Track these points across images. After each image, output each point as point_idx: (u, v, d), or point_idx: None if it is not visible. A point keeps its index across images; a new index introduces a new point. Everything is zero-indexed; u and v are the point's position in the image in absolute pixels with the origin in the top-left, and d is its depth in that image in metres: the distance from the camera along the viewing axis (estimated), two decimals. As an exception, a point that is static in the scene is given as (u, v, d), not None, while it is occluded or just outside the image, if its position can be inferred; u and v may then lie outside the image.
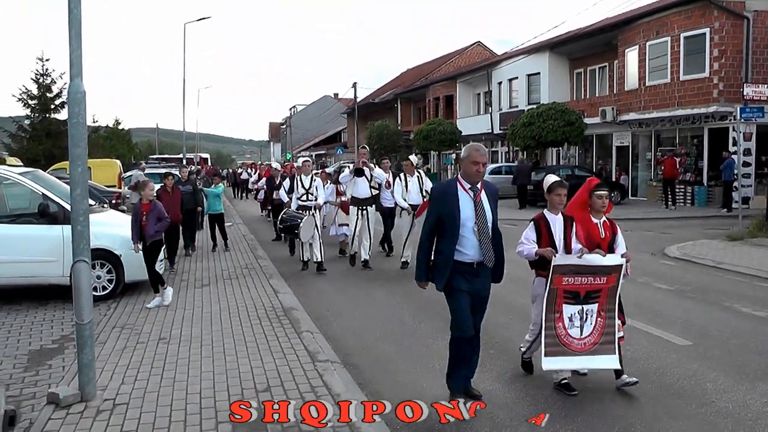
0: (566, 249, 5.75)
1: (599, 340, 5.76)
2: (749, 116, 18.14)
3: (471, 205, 5.35)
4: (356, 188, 12.55)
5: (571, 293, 5.66)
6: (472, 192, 5.38)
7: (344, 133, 74.40)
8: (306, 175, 12.52)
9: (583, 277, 5.64)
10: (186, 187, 14.26)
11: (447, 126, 39.63)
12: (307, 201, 12.33)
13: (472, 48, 55.84)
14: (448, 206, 5.36)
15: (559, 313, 5.66)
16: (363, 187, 12.51)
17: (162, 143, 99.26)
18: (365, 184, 12.50)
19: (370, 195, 12.62)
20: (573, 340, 5.71)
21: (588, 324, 5.74)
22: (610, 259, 5.71)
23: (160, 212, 9.52)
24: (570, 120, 27.35)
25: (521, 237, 5.83)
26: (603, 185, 6.11)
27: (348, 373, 6.38)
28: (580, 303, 5.69)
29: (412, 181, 12.47)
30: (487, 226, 5.35)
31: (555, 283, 5.59)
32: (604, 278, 5.69)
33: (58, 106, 39.84)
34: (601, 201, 5.93)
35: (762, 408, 5.42)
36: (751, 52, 23.30)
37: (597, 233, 5.91)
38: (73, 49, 5.48)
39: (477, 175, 5.38)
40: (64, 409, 5.33)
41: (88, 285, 5.63)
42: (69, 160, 5.61)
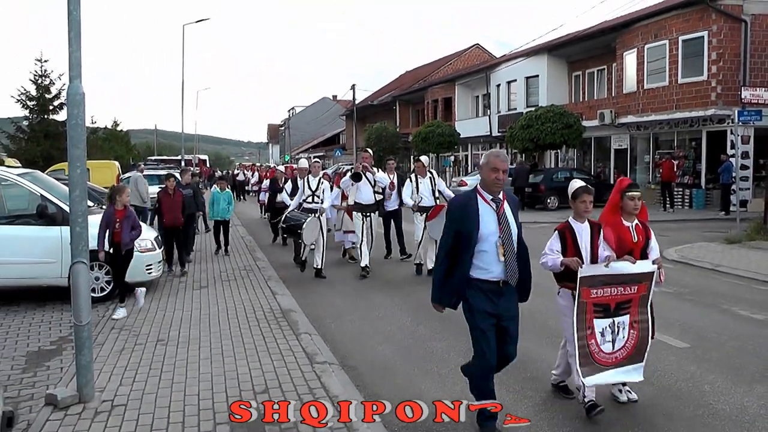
0: (593, 260, 5.38)
1: (632, 352, 5.41)
2: (747, 119, 18.18)
3: (494, 219, 4.87)
4: (359, 194, 11.96)
5: (601, 306, 5.28)
6: (495, 204, 4.90)
7: (343, 135, 74.45)
8: (314, 177, 12.02)
9: (613, 288, 5.27)
10: (186, 190, 13.30)
11: (445, 128, 39.63)
12: (313, 204, 11.79)
13: (470, 50, 55.88)
14: (468, 222, 4.86)
15: (590, 329, 5.27)
16: (366, 193, 11.96)
17: (160, 144, 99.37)
18: (369, 189, 11.94)
19: (374, 201, 12.07)
20: (605, 355, 5.33)
21: (620, 338, 5.37)
22: (641, 266, 5.37)
23: (135, 221, 9.17)
24: (568, 122, 27.36)
25: (545, 247, 5.45)
26: (635, 186, 5.76)
27: (346, 374, 6.39)
28: (610, 316, 5.31)
29: (423, 183, 11.85)
30: (512, 240, 4.89)
31: (583, 296, 5.20)
32: (634, 287, 5.34)
33: (56, 107, 39.85)
34: (633, 203, 5.56)
35: (759, 410, 5.44)
36: (749, 55, 23.35)
37: (629, 238, 5.55)
38: (72, 50, 5.49)
39: (497, 183, 4.87)
40: (62, 411, 5.33)
41: (87, 286, 5.63)
42: (68, 161, 5.61)
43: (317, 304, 9.75)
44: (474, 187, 5.06)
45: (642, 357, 5.44)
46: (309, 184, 11.92)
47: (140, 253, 9.89)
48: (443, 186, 12.10)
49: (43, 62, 40.23)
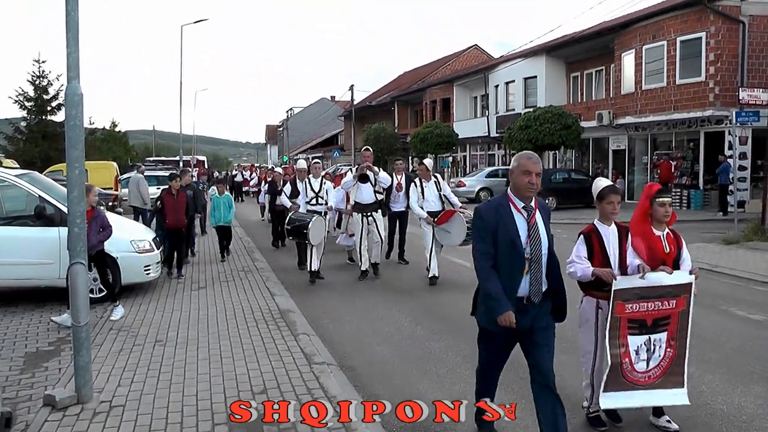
0: (621, 266, 5.00)
1: (666, 371, 5.00)
2: (745, 120, 18.20)
3: (524, 228, 4.42)
4: (359, 193, 11.58)
5: (637, 322, 4.87)
6: (526, 212, 4.46)
7: (341, 136, 74.49)
8: (316, 178, 11.75)
9: (649, 302, 4.87)
10: (186, 191, 12.86)
11: (444, 129, 39.68)
12: (317, 206, 11.60)
13: (469, 51, 55.96)
14: (504, 228, 4.41)
15: (624, 346, 4.86)
16: (367, 192, 11.53)
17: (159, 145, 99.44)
18: (369, 188, 11.50)
19: (375, 200, 11.59)
20: (638, 375, 4.95)
21: (655, 356, 4.96)
22: (678, 277, 4.92)
23: (104, 221, 8.75)
24: (567, 123, 27.39)
25: (571, 254, 5.02)
26: (666, 191, 5.36)
27: (344, 375, 6.39)
28: (647, 332, 4.90)
29: (428, 187, 11.29)
30: (541, 253, 4.42)
31: (617, 311, 4.80)
32: (672, 301, 4.92)
33: (54, 108, 39.89)
34: (664, 209, 5.12)
35: (756, 410, 5.45)
36: (747, 56, 23.38)
37: (660, 248, 5.12)
38: (70, 51, 5.49)
39: (530, 188, 4.41)
40: (61, 411, 5.33)
41: (85, 287, 5.63)
42: (66, 162, 5.61)
43: (315, 304, 9.76)
44: (503, 193, 4.61)
45: (681, 378, 5.03)
46: (311, 186, 11.68)
47: (138, 254, 9.89)
48: (449, 191, 11.63)
49: (41, 63, 40.34)
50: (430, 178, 11.40)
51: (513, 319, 4.33)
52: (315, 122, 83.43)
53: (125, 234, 10.09)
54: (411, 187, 11.47)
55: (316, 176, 11.74)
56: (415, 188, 11.31)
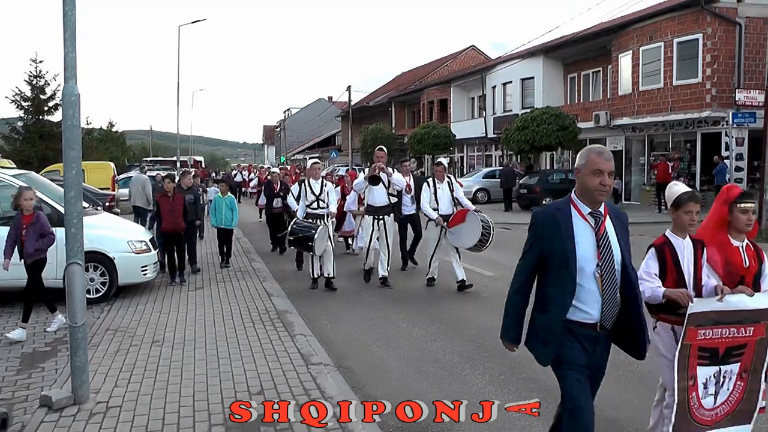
0: (696, 286, 4.26)
1: (735, 408, 4.22)
2: (741, 121, 18.29)
3: (591, 239, 3.70)
4: (371, 195, 11.05)
5: (708, 351, 4.09)
6: (593, 219, 3.73)
7: (338, 137, 74.50)
8: (315, 180, 10.94)
9: (725, 329, 4.08)
10: (187, 195, 11.96)
11: (441, 130, 39.71)
12: (318, 209, 10.80)
13: (466, 52, 55.97)
14: (560, 240, 3.70)
15: (692, 379, 4.08)
16: (379, 195, 10.99)
17: (156, 146, 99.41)
18: (382, 190, 10.95)
19: (388, 203, 11.07)
20: (705, 413, 4.17)
21: (724, 390, 4.18)
22: (760, 300, 4.09)
23: (44, 227, 7.95)
24: (564, 124, 27.42)
25: (639, 270, 4.16)
26: (749, 195, 4.57)
27: (341, 375, 6.39)
28: (717, 363, 4.11)
29: (442, 189, 10.78)
30: (614, 270, 3.70)
31: (688, 337, 4.02)
32: (750, 328, 4.11)
33: (51, 108, 39.90)
34: (747, 217, 4.39)
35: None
36: (743, 57, 23.43)
37: (739, 261, 4.40)
38: (67, 51, 5.49)
39: (601, 192, 3.66)
40: (57, 412, 5.32)
41: (82, 288, 5.63)
42: (63, 162, 5.60)
43: (312, 305, 9.75)
44: (566, 196, 3.88)
45: (750, 417, 4.26)
46: (311, 188, 10.89)
47: (135, 255, 9.88)
48: (461, 193, 11.04)
49: (38, 63, 40.35)
50: (444, 179, 10.89)
51: (513, 349, 4.03)
52: (312, 123, 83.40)
53: (122, 234, 10.10)
54: (423, 187, 10.91)
55: (316, 178, 10.98)
56: (428, 189, 10.78)
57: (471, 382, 6.25)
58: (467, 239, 10.21)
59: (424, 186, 10.88)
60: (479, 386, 6.10)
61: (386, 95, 59.58)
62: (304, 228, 10.43)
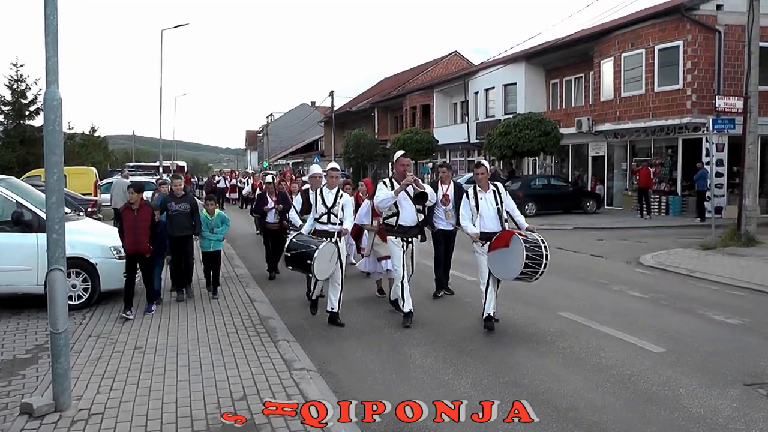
0: None
1: None
2: (721, 127, 18.41)
3: None
4: (401, 214, 8.71)
5: None
6: None
7: (321, 142, 74.42)
8: (330, 189, 8.84)
9: None
10: (181, 204, 10.08)
11: (424, 135, 39.84)
12: (328, 224, 8.68)
13: (449, 58, 56.20)
14: None
15: None
16: (409, 212, 8.70)
17: (138, 151, 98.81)
18: (411, 207, 8.69)
19: (417, 221, 8.79)
20: None
21: None
22: None
23: None
24: (546, 130, 27.58)
25: None
26: None
27: (324, 381, 6.38)
28: None
29: (485, 199, 8.51)
30: None
31: None
32: None
33: (32, 113, 39.55)
34: None
35: (732, 413, 5.51)
36: (723, 64, 23.73)
37: None
38: (49, 56, 5.46)
39: None
40: (38, 420, 5.28)
41: (64, 294, 5.59)
42: (45, 167, 5.58)
43: (295, 311, 9.73)
44: None
45: None
46: (323, 199, 8.76)
47: (118, 260, 9.81)
48: (513, 205, 8.75)
49: (19, 67, 39.97)
50: (488, 188, 8.61)
51: None
52: (295, 128, 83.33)
53: (105, 240, 10.03)
54: (463, 198, 8.83)
55: (332, 187, 8.87)
56: (468, 201, 8.66)
57: (454, 386, 6.27)
58: (508, 269, 8.03)
59: (464, 198, 8.83)
60: (462, 390, 6.11)
61: (369, 100, 59.65)
62: (303, 244, 8.36)
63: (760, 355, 7.07)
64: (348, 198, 8.99)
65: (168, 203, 10.12)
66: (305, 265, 8.21)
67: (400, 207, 8.68)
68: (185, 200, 10.23)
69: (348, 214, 8.83)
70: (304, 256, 8.20)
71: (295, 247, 8.39)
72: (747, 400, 5.87)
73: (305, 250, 8.23)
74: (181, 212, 10.04)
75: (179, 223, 10.04)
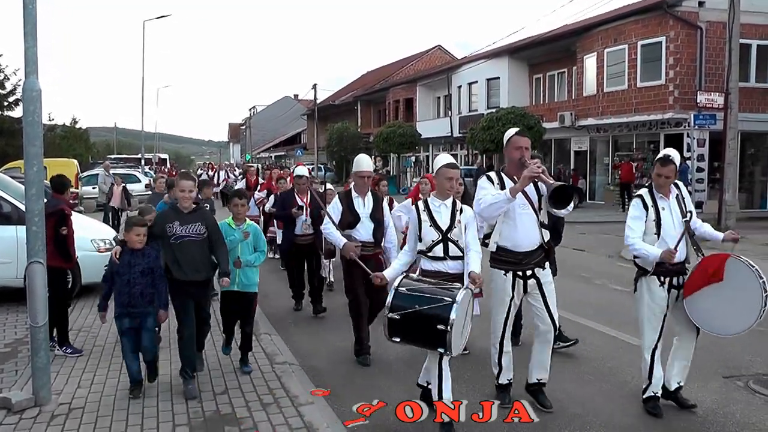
0: None
1: None
2: (702, 123, 18.64)
3: None
4: (512, 225, 5.41)
5: None
6: None
7: (304, 135, 74.27)
8: (444, 199, 5.37)
9: None
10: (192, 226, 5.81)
11: (407, 129, 39.85)
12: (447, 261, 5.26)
13: (432, 52, 56.22)
14: None
15: None
16: (526, 225, 5.43)
17: (120, 143, 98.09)
18: (531, 216, 5.43)
19: (543, 242, 5.47)
20: None
21: None
22: None
23: None
24: (529, 124, 27.64)
25: None
26: None
27: (306, 375, 6.38)
28: None
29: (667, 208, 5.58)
30: None
31: None
32: None
33: (11, 104, 39.03)
34: None
35: (712, 405, 5.59)
36: (704, 61, 23.91)
37: None
38: (28, 46, 5.39)
39: None
40: (17, 414, 5.23)
41: (43, 287, 5.54)
42: (24, 159, 5.51)
43: (277, 305, 9.69)
44: None
45: None
46: (432, 215, 5.27)
47: (99, 254, 9.72)
48: (694, 215, 5.67)
49: (-2, 57, 39.46)
50: (671, 190, 5.58)
51: None
52: (278, 121, 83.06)
53: (86, 233, 9.92)
54: (632, 206, 5.70)
55: (445, 196, 5.38)
56: (642, 210, 5.58)
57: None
58: (731, 316, 5.24)
59: (634, 204, 5.66)
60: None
61: (352, 94, 59.58)
62: (424, 294, 4.77)
63: (738, 348, 7.14)
64: (470, 213, 5.36)
65: (167, 224, 5.78)
66: (433, 333, 4.58)
67: (512, 217, 5.39)
68: (198, 218, 5.89)
69: (473, 240, 5.28)
70: (430, 320, 4.59)
71: (406, 304, 4.73)
72: (726, 392, 5.95)
73: (430, 307, 4.64)
74: (191, 239, 5.80)
75: (190, 259, 5.80)
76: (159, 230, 5.84)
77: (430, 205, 5.35)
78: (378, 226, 7.05)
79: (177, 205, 5.95)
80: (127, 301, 5.69)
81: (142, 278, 5.70)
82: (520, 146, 5.57)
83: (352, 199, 7.11)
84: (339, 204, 7.14)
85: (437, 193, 5.42)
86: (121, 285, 5.71)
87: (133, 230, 5.75)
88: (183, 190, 5.86)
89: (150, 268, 5.75)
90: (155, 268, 5.77)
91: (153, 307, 5.79)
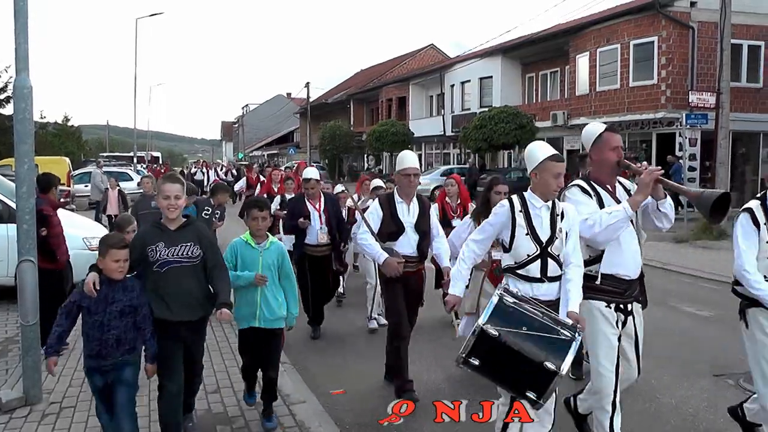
0: None
1: None
2: (694, 122, 18.68)
3: None
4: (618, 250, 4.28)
5: None
6: None
7: (297, 133, 74.20)
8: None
9: None
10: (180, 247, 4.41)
11: (399, 127, 39.90)
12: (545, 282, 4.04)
13: (425, 50, 56.22)
14: None
15: None
16: (634, 249, 4.40)
17: (113, 141, 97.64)
18: (632, 235, 4.38)
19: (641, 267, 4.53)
20: None
21: None
22: None
23: None
24: (521, 123, 27.75)
25: None
26: None
27: (298, 374, 6.37)
28: None
29: None
30: None
31: None
32: None
33: (2, 101, 38.86)
34: None
35: (701, 403, 5.62)
36: (696, 61, 23.99)
37: None
38: (19, 42, 5.37)
39: None
40: (7, 414, 5.22)
41: (34, 285, 5.52)
42: (15, 157, 5.49)
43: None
44: None
45: None
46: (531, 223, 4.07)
47: (91, 252, 9.68)
48: None
49: (-12, 54, 39.23)
50: None
51: None
52: (271, 119, 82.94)
53: (77, 231, 9.88)
54: (739, 221, 4.33)
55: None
56: (755, 230, 4.24)
57: (427, 380, 6.29)
58: None
59: (741, 219, 4.32)
60: (435, 384, 6.13)
61: (345, 92, 59.51)
62: (540, 320, 3.73)
63: (729, 346, 7.16)
64: (573, 215, 4.16)
65: (148, 246, 4.42)
66: (531, 371, 3.65)
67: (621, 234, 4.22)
68: (190, 235, 4.50)
69: (575, 252, 4.11)
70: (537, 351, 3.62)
71: (510, 321, 3.68)
72: (716, 390, 5.98)
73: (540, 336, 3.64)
74: (181, 265, 4.44)
75: (179, 291, 4.46)
76: (138, 255, 4.35)
77: (529, 206, 4.09)
78: (423, 237, 5.84)
79: (161, 221, 4.46)
80: (97, 351, 4.24)
81: (120, 320, 4.21)
82: (617, 146, 4.67)
83: (395, 204, 5.85)
84: (380, 209, 5.88)
85: (538, 192, 4.13)
86: (90, 327, 4.24)
87: (110, 254, 4.18)
88: (168, 196, 4.37)
89: (132, 307, 4.25)
90: (139, 307, 4.28)
91: (133, 356, 4.35)
